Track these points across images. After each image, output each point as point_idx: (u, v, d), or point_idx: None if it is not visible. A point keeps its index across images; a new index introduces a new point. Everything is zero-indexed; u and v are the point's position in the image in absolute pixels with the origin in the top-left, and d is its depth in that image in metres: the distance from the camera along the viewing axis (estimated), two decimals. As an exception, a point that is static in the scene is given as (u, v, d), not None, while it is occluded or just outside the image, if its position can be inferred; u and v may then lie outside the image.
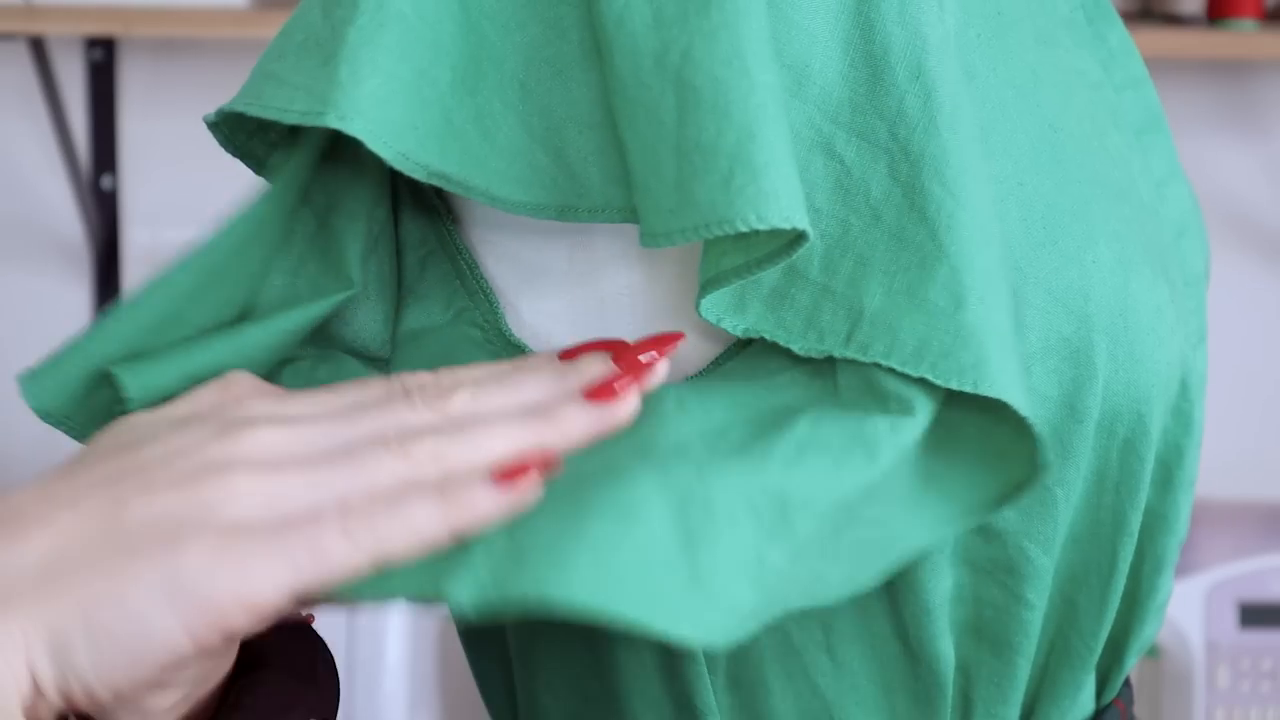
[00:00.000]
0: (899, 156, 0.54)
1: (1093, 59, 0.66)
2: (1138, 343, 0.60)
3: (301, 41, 0.55)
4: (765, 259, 0.52)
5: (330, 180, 0.59)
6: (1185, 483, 0.66)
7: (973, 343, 0.53)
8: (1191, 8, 1.87)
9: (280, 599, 0.47)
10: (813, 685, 0.62)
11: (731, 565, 0.49)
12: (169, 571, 0.46)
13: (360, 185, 0.59)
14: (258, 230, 0.56)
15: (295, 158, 0.57)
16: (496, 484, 0.49)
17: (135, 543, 0.47)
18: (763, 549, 0.50)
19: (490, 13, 0.55)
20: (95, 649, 0.46)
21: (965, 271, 0.53)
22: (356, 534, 0.48)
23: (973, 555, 0.61)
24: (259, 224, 0.56)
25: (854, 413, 0.53)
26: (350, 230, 0.58)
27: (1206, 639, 1.68)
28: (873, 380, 0.54)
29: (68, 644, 0.46)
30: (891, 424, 0.53)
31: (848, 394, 0.54)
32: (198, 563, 0.47)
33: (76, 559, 0.47)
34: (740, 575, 0.49)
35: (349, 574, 0.48)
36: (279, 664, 0.57)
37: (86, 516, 0.48)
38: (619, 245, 0.58)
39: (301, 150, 0.57)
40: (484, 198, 0.54)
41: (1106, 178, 0.62)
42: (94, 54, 1.94)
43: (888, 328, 0.54)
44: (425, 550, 0.48)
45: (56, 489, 0.49)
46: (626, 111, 0.52)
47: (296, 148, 0.57)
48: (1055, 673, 0.64)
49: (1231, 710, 1.68)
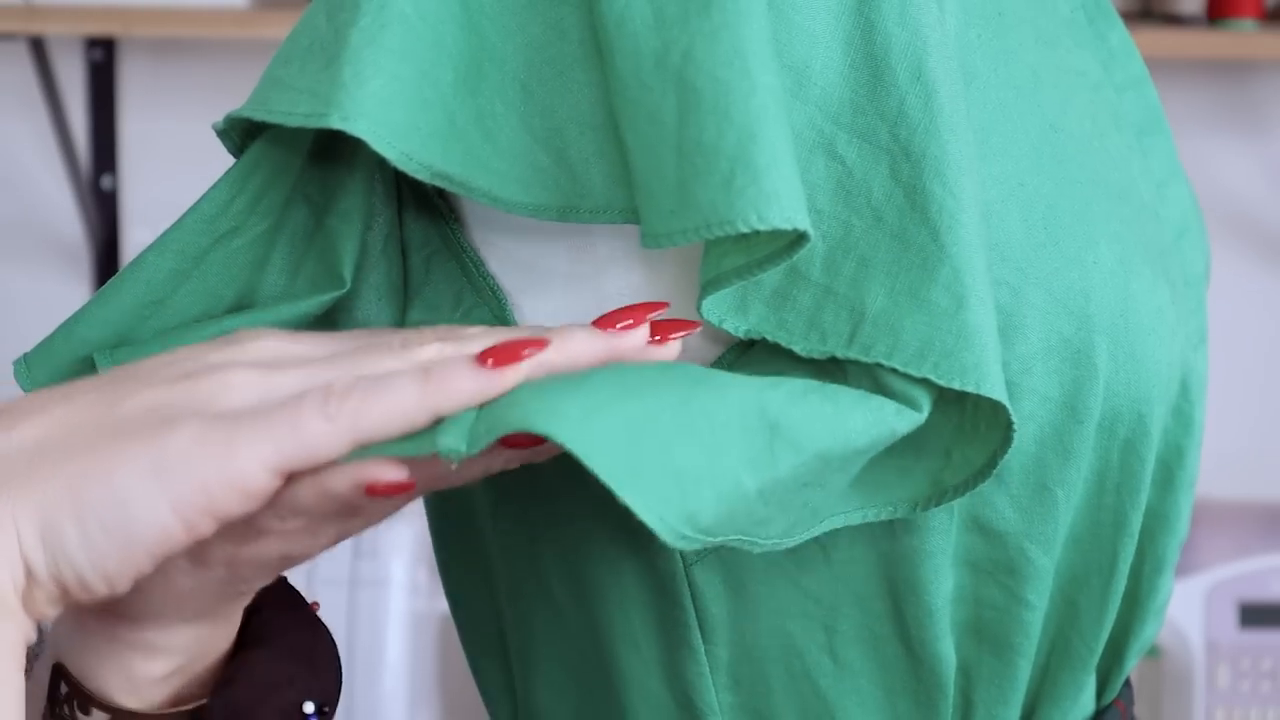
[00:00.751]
0: (900, 157, 0.54)
1: (1093, 59, 0.66)
2: (1138, 343, 0.60)
3: (307, 46, 0.55)
4: (767, 260, 0.52)
5: (328, 179, 0.59)
6: (1186, 483, 0.66)
7: (975, 343, 0.53)
8: (1191, 8, 1.87)
9: (266, 479, 0.47)
10: (815, 686, 0.62)
11: (707, 472, 0.49)
12: (156, 453, 0.46)
13: (355, 185, 0.59)
14: (222, 212, 0.57)
15: (272, 152, 0.57)
16: (480, 365, 0.49)
17: (126, 428, 0.47)
18: (741, 472, 0.50)
19: (491, 14, 0.55)
20: (84, 531, 0.46)
21: (966, 272, 0.54)
22: (337, 413, 0.48)
23: (973, 556, 0.61)
24: (222, 207, 0.57)
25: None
26: (344, 230, 0.58)
27: (1206, 639, 1.68)
28: (880, 380, 0.54)
29: (57, 526, 0.46)
30: (897, 409, 0.54)
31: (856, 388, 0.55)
32: (184, 444, 0.46)
33: (65, 443, 0.47)
34: (710, 486, 0.49)
35: (331, 452, 0.48)
36: (278, 644, 0.57)
37: (79, 408, 0.48)
38: (620, 246, 0.58)
39: (280, 147, 0.57)
40: (486, 198, 0.54)
41: (1107, 178, 0.62)
42: (94, 54, 1.94)
43: (890, 328, 0.54)
44: (404, 429, 0.48)
45: (52, 392, 0.49)
46: (627, 112, 0.52)
47: (278, 144, 0.57)
48: (1055, 673, 0.64)
49: (1231, 710, 1.68)
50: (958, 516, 0.60)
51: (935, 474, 0.56)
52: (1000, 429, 0.55)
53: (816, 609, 0.61)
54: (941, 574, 0.60)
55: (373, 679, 1.68)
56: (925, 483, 0.57)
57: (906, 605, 0.60)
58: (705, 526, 0.49)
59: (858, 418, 0.53)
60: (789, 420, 0.52)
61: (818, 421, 0.52)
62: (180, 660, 0.55)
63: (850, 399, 0.53)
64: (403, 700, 1.68)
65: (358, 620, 1.67)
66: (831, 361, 0.55)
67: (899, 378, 0.54)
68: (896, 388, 0.54)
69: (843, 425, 0.53)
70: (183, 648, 0.54)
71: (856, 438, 0.53)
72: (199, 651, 0.55)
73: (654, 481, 0.48)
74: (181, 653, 0.55)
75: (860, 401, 0.54)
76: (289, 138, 0.57)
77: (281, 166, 0.58)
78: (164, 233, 0.57)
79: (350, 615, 1.67)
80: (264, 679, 0.56)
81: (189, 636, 0.54)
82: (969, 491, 0.56)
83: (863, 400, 0.54)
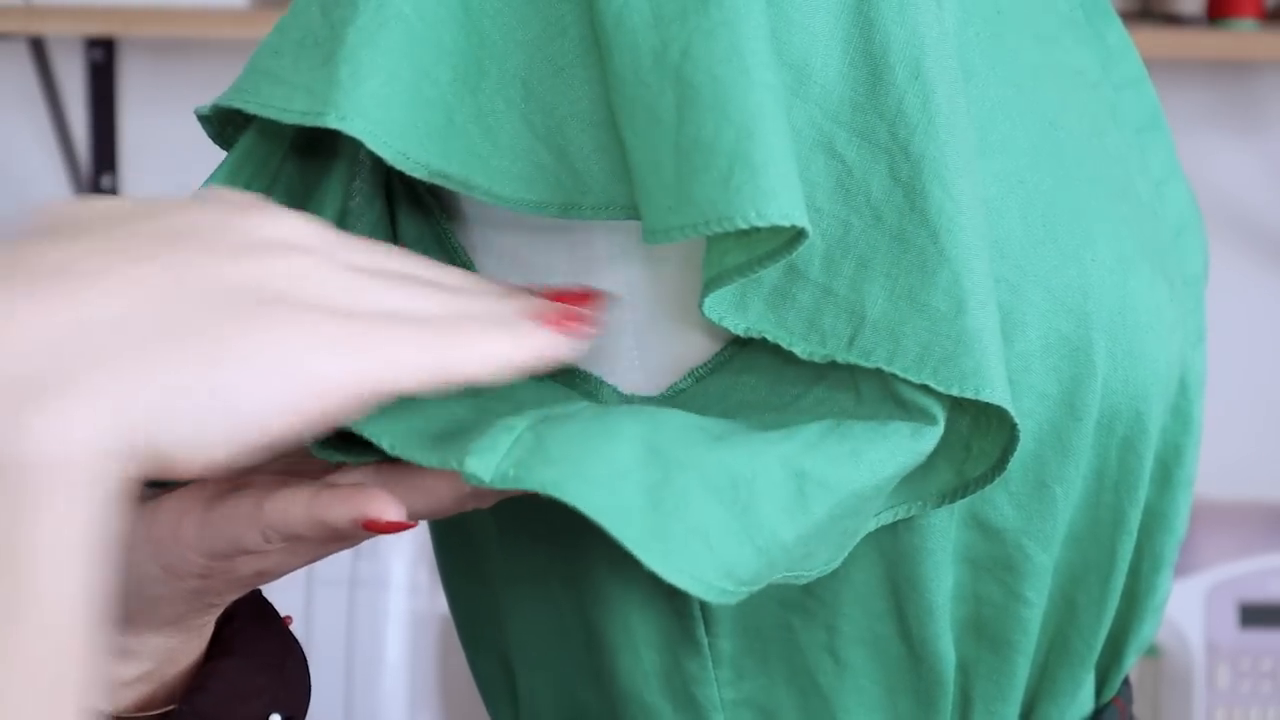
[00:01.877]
0: (899, 157, 0.54)
1: (1092, 57, 0.66)
2: (1137, 341, 0.60)
3: (299, 39, 0.55)
4: (766, 257, 0.52)
5: (307, 172, 0.59)
6: (1184, 482, 0.66)
7: (974, 348, 0.53)
8: (1191, 8, 1.87)
9: (356, 391, 0.44)
10: (816, 685, 0.62)
11: (740, 528, 0.51)
12: (261, 343, 0.42)
13: (333, 179, 0.58)
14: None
15: (260, 143, 0.58)
16: (557, 326, 0.49)
17: (217, 308, 0.43)
18: (777, 523, 0.51)
19: (492, 11, 0.55)
20: (185, 419, 0.41)
21: (965, 275, 0.54)
22: (433, 344, 0.45)
23: (972, 553, 0.61)
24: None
25: (877, 417, 0.54)
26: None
27: (1206, 639, 1.68)
28: (893, 389, 0.54)
29: (161, 412, 0.41)
30: (913, 430, 0.54)
31: (870, 403, 0.55)
32: (291, 337, 0.43)
33: (154, 322, 0.42)
34: (748, 542, 0.51)
35: (407, 385, 0.45)
36: (249, 655, 0.57)
37: (149, 276, 0.42)
38: (620, 243, 0.58)
39: (266, 138, 0.58)
40: (486, 196, 0.54)
41: (1106, 176, 0.62)
42: (94, 54, 1.94)
43: (890, 333, 0.54)
44: (490, 373, 0.47)
45: (97, 243, 0.43)
46: (626, 109, 0.52)
47: (264, 135, 0.57)
48: (1054, 671, 0.65)
49: (1231, 710, 1.68)
50: (957, 514, 0.60)
51: (959, 466, 0.57)
52: (1007, 428, 0.55)
53: (819, 607, 0.61)
54: (942, 572, 0.60)
55: (373, 679, 1.67)
56: (950, 475, 0.57)
57: (908, 604, 0.60)
58: (748, 579, 0.51)
59: (877, 450, 0.54)
60: (813, 466, 0.53)
61: (841, 463, 0.53)
62: (150, 665, 0.55)
63: (866, 433, 0.54)
64: (403, 700, 1.68)
65: (357, 620, 1.67)
66: (847, 373, 0.55)
67: (903, 382, 0.54)
68: (909, 398, 0.54)
69: (865, 461, 0.54)
70: (153, 653, 0.54)
71: (881, 468, 0.54)
72: (169, 658, 0.54)
73: (681, 544, 0.49)
74: (152, 658, 0.54)
75: (875, 432, 0.54)
76: (274, 129, 0.58)
77: (266, 158, 0.58)
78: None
79: (350, 615, 1.67)
80: (234, 689, 0.56)
81: (160, 642, 0.54)
82: (990, 484, 0.56)
83: (878, 431, 0.54)
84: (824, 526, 0.53)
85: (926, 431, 0.54)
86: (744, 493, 0.51)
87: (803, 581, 0.55)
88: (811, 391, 0.56)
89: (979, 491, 0.57)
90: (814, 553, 0.55)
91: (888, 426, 0.54)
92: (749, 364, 0.57)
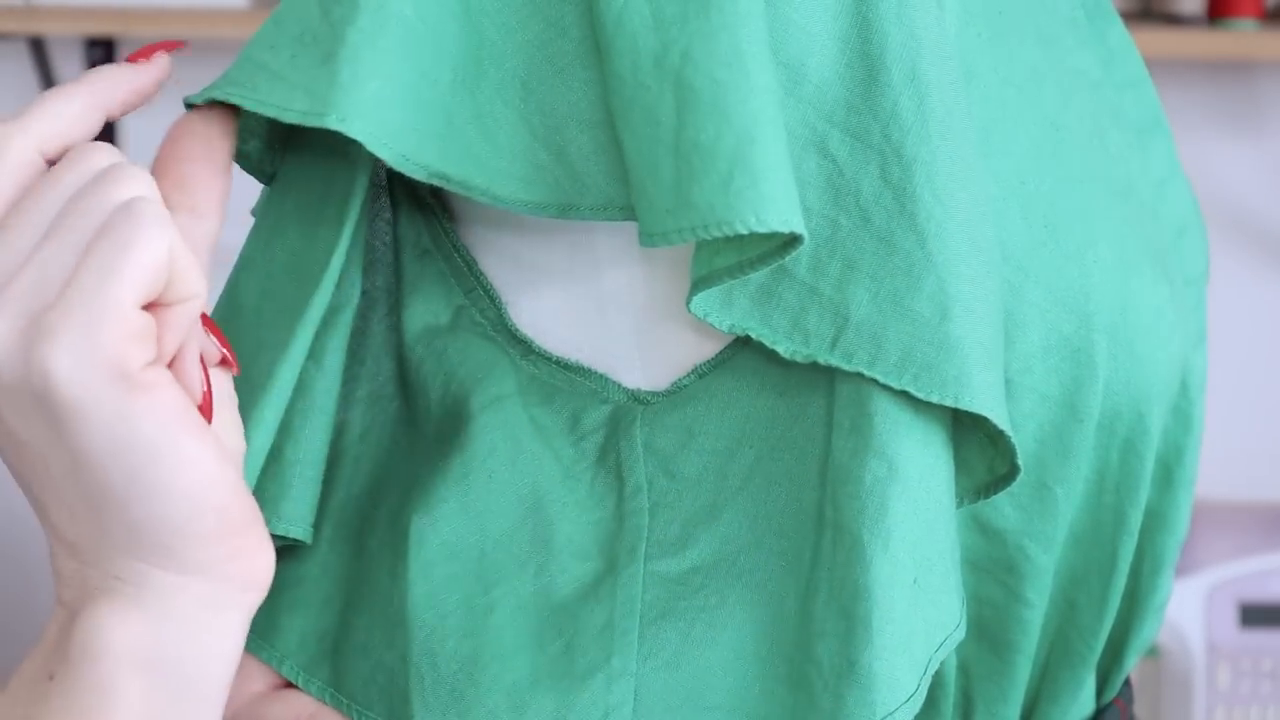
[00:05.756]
0: (891, 158, 0.54)
1: (1093, 58, 0.66)
2: (1138, 342, 0.60)
3: (297, 35, 0.54)
4: (758, 260, 0.53)
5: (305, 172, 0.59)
6: (1185, 482, 0.66)
7: (956, 355, 0.53)
8: (1191, 8, 1.87)
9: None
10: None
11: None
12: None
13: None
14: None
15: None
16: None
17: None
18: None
19: (492, 12, 0.55)
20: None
21: (951, 281, 0.54)
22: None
23: (973, 554, 0.61)
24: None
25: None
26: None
27: (1206, 639, 1.68)
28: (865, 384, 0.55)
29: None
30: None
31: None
32: None
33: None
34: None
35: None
36: None
37: None
38: (618, 243, 0.58)
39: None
40: (485, 197, 0.54)
41: (1107, 177, 0.62)
42: (94, 54, 1.94)
43: (872, 336, 0.54)
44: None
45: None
46: (624, 111, 0.52)
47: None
48: (1055, 672, 0.64)
49: (1231, 710, 1.68)
50: (958, 516, 0.60)
51: (989, 461, 0.57)
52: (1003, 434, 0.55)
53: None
54: (944, 573, 0.60)
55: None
56: (982, 470, 0.58)
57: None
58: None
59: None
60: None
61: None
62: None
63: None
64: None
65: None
66: (813, 366, 0.55)
67: (882, 388, 0.54)
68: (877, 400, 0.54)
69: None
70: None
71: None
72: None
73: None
74: None
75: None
76: (266, 120, 0.57)
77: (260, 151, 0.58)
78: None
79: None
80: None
81: None
82: (1015, 479, 0.57)
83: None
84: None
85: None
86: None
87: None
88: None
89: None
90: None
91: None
92: (753, 360, 0.57)
